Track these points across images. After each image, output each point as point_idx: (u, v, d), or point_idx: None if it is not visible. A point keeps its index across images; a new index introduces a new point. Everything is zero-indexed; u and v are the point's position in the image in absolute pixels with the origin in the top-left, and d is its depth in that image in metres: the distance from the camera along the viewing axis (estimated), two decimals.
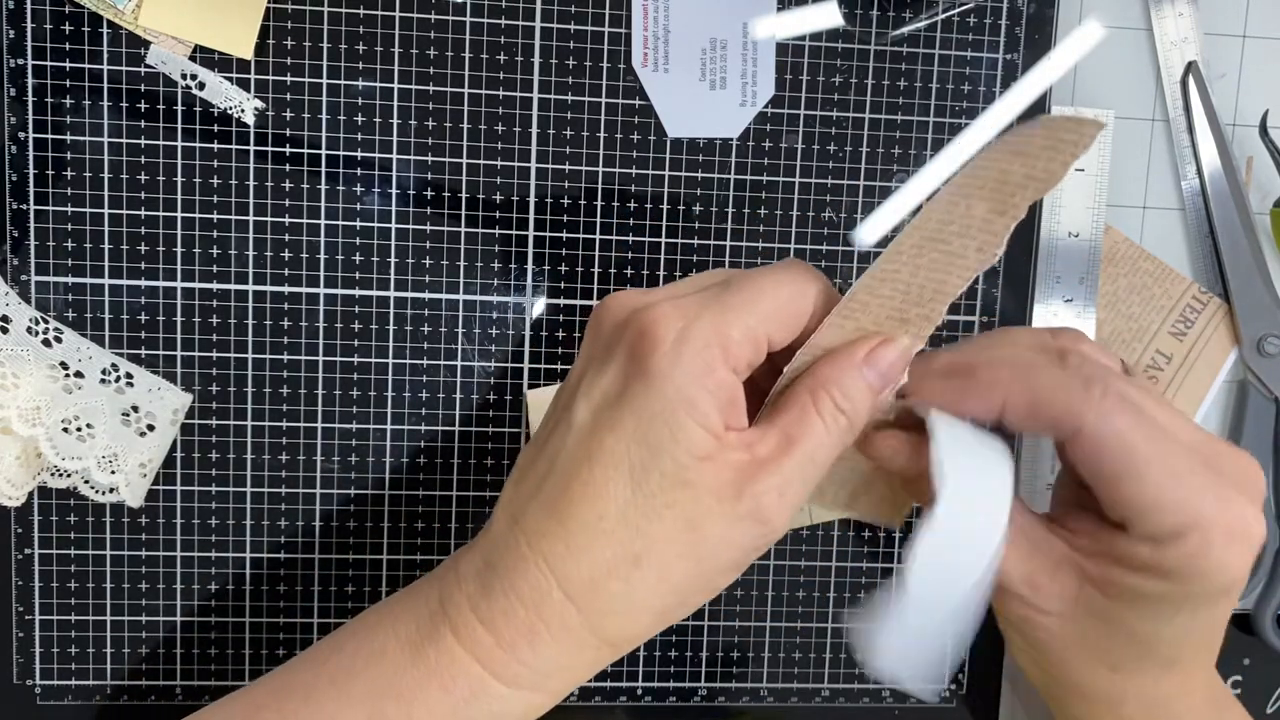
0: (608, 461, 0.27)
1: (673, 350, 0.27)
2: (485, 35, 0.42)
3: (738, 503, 0.27)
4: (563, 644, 0.28)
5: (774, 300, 0.28)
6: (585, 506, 0.27)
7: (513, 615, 0.28)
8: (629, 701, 0.46)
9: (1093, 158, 0.45)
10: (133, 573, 0.43)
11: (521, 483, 0.30)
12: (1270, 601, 0.47)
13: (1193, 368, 0.46)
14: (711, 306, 0.28)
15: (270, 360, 0.43)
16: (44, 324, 0.41)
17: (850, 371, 0.29)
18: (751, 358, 0.28)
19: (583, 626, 0.28)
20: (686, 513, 0.27)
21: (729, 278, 0.29)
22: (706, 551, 0.28)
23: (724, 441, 0.28)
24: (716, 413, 0.27)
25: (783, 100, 0.43)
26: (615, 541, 0.27)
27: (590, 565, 0.28)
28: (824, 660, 0.46)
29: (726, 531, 0.28)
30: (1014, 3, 0.44)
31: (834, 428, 0.29)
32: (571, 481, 0.28)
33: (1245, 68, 0.46)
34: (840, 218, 0.44)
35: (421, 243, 0.43)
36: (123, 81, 0.41)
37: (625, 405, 0.27)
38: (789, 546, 0.45)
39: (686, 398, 0.27)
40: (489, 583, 0.28)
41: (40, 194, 0.41)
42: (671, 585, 0.28)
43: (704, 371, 0.27)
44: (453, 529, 0.44)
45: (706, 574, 0.28)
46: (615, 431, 0.27)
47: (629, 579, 0.28)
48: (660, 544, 0.27)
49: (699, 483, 0.27)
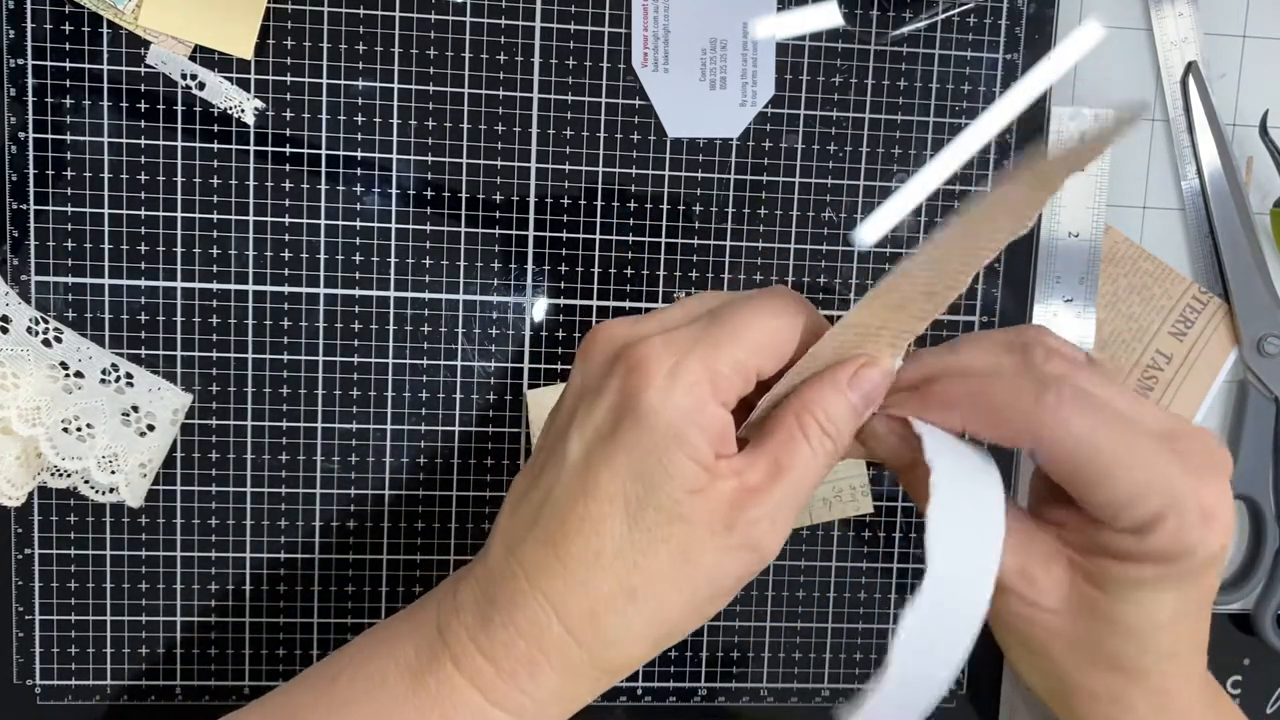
0: (603, 498, 0.28)
1: (664, 387, 0.27)
2: (485, 35, 0.42)
3: (730, 533, 0.28)
4: (563, 674, 0.29)
5: (762, 332, 0.29)
6: (582, 542, 0.28)
7: (513, 647, 0.28)
8: (629, 701, 0.46)
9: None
10: (133, 573, 0.43)
11: (517, 513, 0.30)
12: (1270, 601, 0.47)
13: (1193, 368, 0.46)
14: (702, 341, 0.28)
15: (270, 360, 0.43)
16: (44, 324, 0.41)
17: (835, 395, 0.29)
18: (741, 389, 0.29)
19: (582, 657, 0.29)
20: (681, 546, 0.28)
21: (718, 306, 0.30)
22: (701, 582, 0.28)
23: (715, 472, 0.28)
24: (707, 446, 0.28)
25: (783, 100, 0.43)
26: (612, 576, 0.28)
27: (588, 599, 0.28)
28: (824, 660, 0.46)
29: (720, 561, 0.28)
30: (1014, 3, 0.44)
31: (821, 451, 0.29)
32: (568, 516, 0.28)
33: (1245, 68, 0.46)
34: (840, 218, 0.44)
35: (421, 243, 0.43)
36: (123, 81, 0.41)
37: (618, 442, 0.28)
38: (789, 547, 0.45)
39: (678, 434, 0.27)
40: (488, 615, 0.29)
41: (40, 194, 0.41)
42: (666, 615, 0.29)
43: (695, 407, 0.27)
44: (453, 529, 0.44)
45: (699, 603, 0.29)
46: (610, 468, 0.28)
47: (626, 612, 0.28)
48: (656, 577, 0.28)
49: (693, 516, 0.28)
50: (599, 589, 0.28)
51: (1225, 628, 0.48)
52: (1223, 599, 0.47)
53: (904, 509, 0.46)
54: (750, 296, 0.30)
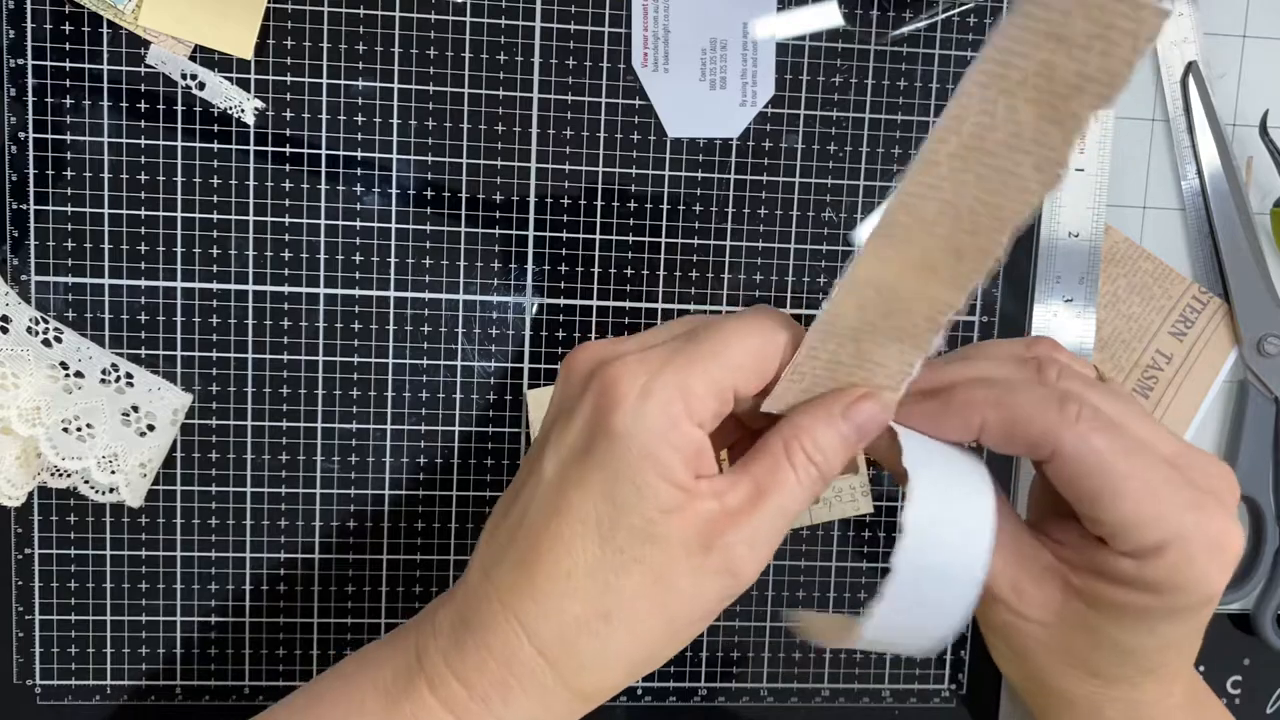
0: (575, 518, 0.27)
1: (635, 406, 0.27)
2: (485, 35, 0.42)
3: (707, 556, 0.28)
4: (535, 698, 0.28)
5: (740, 351, 0.28)
6: (554, 563, 0.28)
7: (485, 669, 0.28)
8: (629, 701, 0.46)
9: (1092, 157, 0.45)
10: (133, 573, 0.43)
11: (494, 535, 0.30)
12: (1270, 601, 0.47)
13: (1193, 368, 0.46)
14: (675, 360, 0.28)
15: (270, 360, 0.43)
16: (44, 324, 0.41)
17: (826, 425, 0.29)
18: (717, 409, 0.28)
19: (554, 681, 0.28)
20: (655, 568, 0.27)
21: (696, 326, 0.29)
22: (676, 605, 0.28)
23: (693, 492, 0.28)
24: (682, 466, 0.27)
25: (783, 100, 0.43)
26: (585, 598, 0.28)
27: (560, 621, 0.28)
28: (824, 660, 0.46)
29: (696, 584, 0.28)
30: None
31: (805, 479, 0.29)
32: (540, 537, 0.28)
33: (1245, 68, 0.46)
34: (840, 218, 0.44)
35: (421, 243, 0.43)
36: (123, 81, 0.41)
37: (590, 462, 0.27)
38: (789, 546, 0.45)
39: (650, 453, 0.27)
40: (462, 637, 0.29)
41: (40, 194, 0.41)
42: (642, 640, 0.28)
43: (667, 426, 0.27)
44: (453, 529, 0.44)
45: (676, 628, 0.29)
46: (581, 488, 0.27)
47: (599, 634, 0.28)
48: (630, 600, 0.28)
49: (667, 537, 0.27)
50: (571, 611, 0.28)
51: (1225, 628, 0.48)
52: (1223, 599, 0.47)
53: (903, 509, 0.46)
54: (731, 315, 0.29)
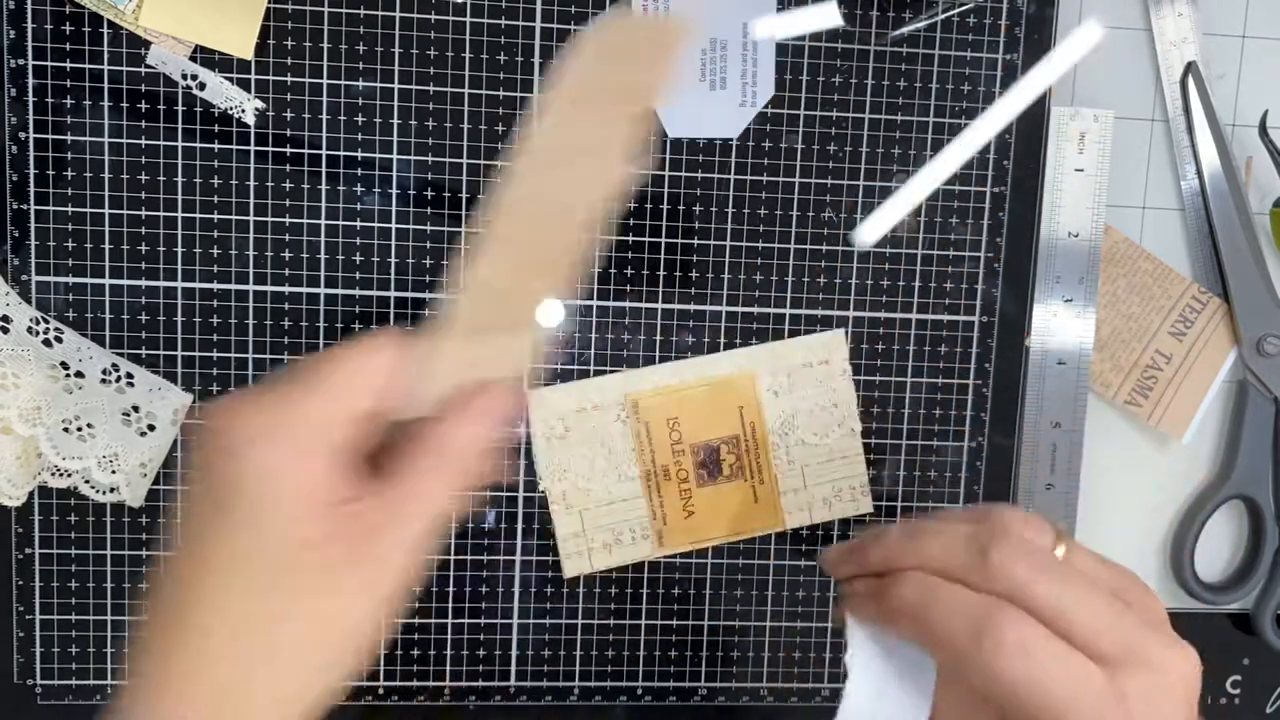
0: (208, 576, 0.27)
1: (243, 452, 0.27)
2: (485, 35, 0.42)
3: (355, 573, 0.28)
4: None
5: (342, 377, 0.28)
6: (192, 627, 0.27)
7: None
8: (629, 701, 0.46)
9: (1092, 158, 0.45)
10: (133, 573, 0.43)
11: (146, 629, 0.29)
12: (1270, 601, 0.47)
13: (1193, 368, 0.46)
14: (281, 401, 0.28)
15: (270, 360, 0.43)
16: (44, 324, 0.41)
17: (455, 424, 0.29)
18: (344, 434, 0.28)
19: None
20: (306, 603, 0.27)
21: (309, 365, 0.29)
22: (336, 633, 0.28)
23: (329, 516, 0.27)
24: (304, 500, 0.27)
25: (783, 100, 0.43)
26: (234, 651, 0.27)
27: (212, 684, 0.27)
28: (824, 660, 0.46)
29: (351, 606, 0.28)
30: (1014, 3, 0.44)
31: (444, 478, 0.29)
32: (178, 607, 0.28)
33: (1245, 68, 0.46)
34: (840, 218, 0.44)
35: (422, 243, 0.43)
36: (123, 81, 0.41)
37: (214, 520, 0.27)
38: (789, 546, 0.45)
39: (271, 496, 0.27)
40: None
41: (40, 194, 0.41)
42: (303, 670, 0.28)
43: (281, 466, 0.27)
44: (452, 529, 0.44)
45: (345, 649, 0.28)
46: (210, 544, 0.27)
47: (255, 677, 0.27)
48: (286, 639, 0.27)
49: (309, 568, 0.27)
50: (222, 673, 0.27)
51: (1225, 628, 0.48)
52: (1223, 599, 0.47)
53: (903, 509, 0.46)
54: (339, 345, 0.29)
